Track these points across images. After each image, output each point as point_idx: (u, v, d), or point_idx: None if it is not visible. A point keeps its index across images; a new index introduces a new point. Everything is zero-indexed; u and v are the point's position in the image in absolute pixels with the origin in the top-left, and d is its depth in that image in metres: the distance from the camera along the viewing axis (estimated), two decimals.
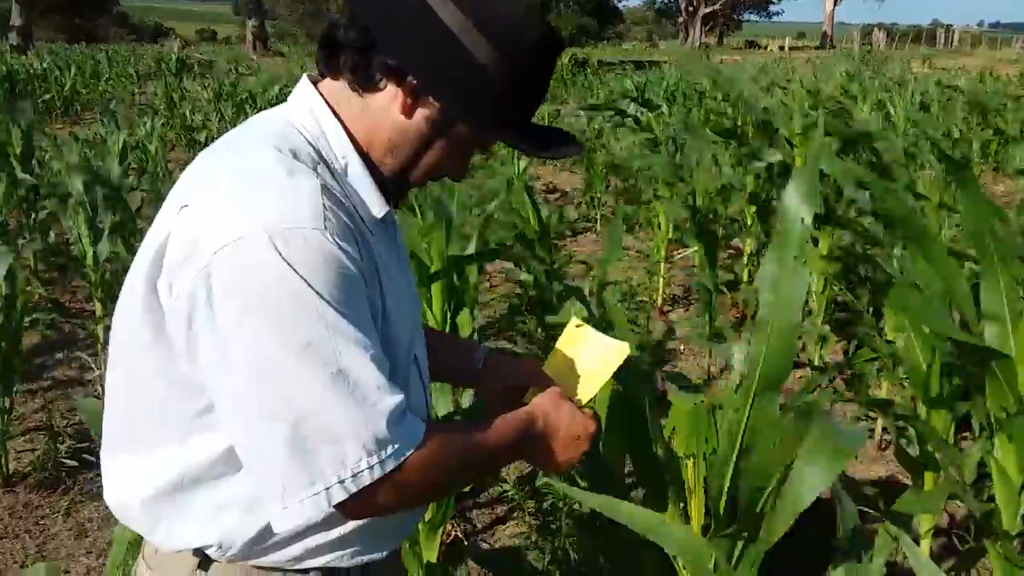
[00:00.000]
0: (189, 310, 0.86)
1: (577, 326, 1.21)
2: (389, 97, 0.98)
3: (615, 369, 1.16)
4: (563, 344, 1.19)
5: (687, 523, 1.28)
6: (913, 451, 2.15)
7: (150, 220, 0.99)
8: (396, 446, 0.88)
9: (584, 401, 1.15)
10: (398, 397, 0.89)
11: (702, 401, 1.24)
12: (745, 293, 4.29)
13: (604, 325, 1.68)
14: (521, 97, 1.00)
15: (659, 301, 4.68)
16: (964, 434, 2.78)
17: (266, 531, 0.96)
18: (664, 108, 7.74)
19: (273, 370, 0.84)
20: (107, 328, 3.76)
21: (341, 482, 0.86)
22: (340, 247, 0.87)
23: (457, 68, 0.95)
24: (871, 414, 3.24)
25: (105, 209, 3.87)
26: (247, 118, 1.10)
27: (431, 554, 1.98)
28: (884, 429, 3.25)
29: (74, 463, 2.96)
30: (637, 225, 5.88)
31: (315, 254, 0.85)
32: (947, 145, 5.56)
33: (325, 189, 0.91)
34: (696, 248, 4.02)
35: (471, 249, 2.66)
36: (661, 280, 4.72)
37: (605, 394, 2.01)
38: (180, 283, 0.87)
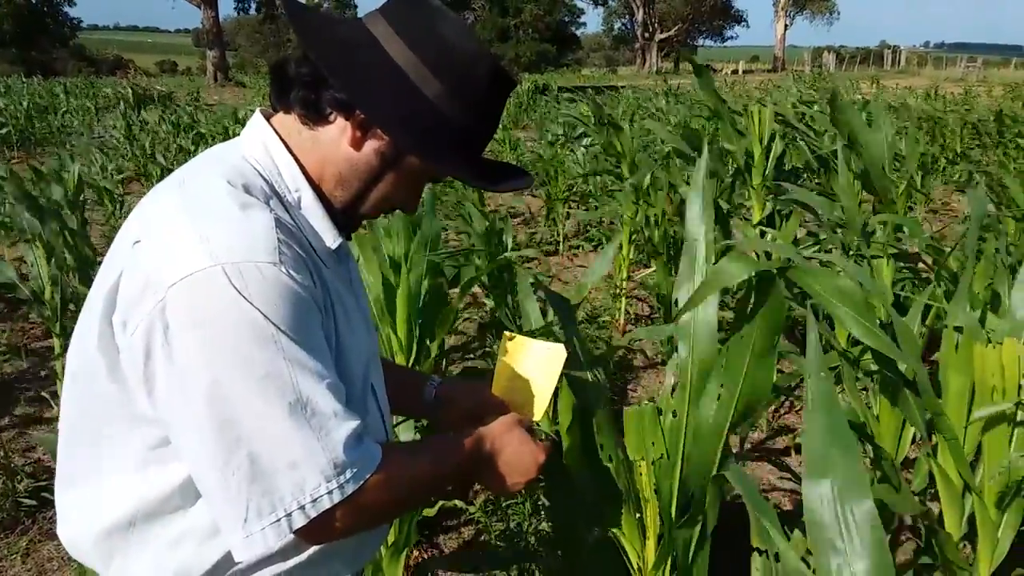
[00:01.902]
0: (145, 346, 0.86)
1: (510, 339, 1.21)
2: (339, 130, 1.00)
3: (559, 372, 1.17)
4: (503, 361, 1.19)
5: (643, 531, 1.31)
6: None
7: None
8: (354, 470, 0.89)
9: (539, 415, 1.16)
10: (354, 422, 0.91)
11: (648, 405, 1.28)
12: None
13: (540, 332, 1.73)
14: (471, 132, 1.03)
15: (621, 321, 4.74)
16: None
17: (224, 561, 0.96)
18: (625, 127, 7.86)
19: (231, 402, 0.85)
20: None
21: (301, 507, 0.87)
22: (295, 279, 0.88)
23: (405, 102, 0.97)
24: None
25: (61, 244, 3.83)
26: (206, 148, 1.13)
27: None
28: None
29: (33, 502, 2.90)
30: (598, 246, 5.96)
31: (271, 287, 0.86)
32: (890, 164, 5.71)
33: (279, 222, 0.92)
34: (655, 267, 4.09)
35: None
36: (623, 300, 4.78)
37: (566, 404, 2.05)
38: (135, 319, 0.87)
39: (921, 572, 2.30)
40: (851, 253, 3.20)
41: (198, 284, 0.85)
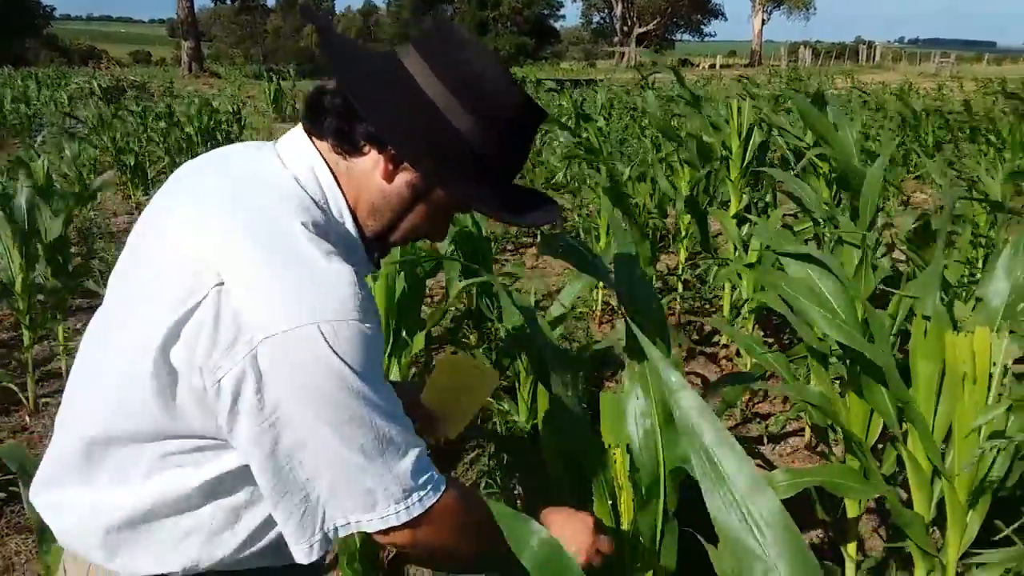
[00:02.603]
0: (235, 392, 0.90)
1: (452, 353, 1.27)
2: (372, 163, 1.03)
3: (486, 396, 1.24)
4: (439, 373, 1.26)
5: (616, 517, 1.32)
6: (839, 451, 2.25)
7: (81, 246, 0.99)
8: (421, 494, 0.98)
9: (455, 433, 1.22)
10: (419, 448, 0.99)
11: (621, 391, 1.29)
12: (676, 298, 4.39)
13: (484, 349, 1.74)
14: (500, 164, 1.06)
15: (598, 312, 4.75)
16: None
17: (231, 555, 1.03)
18: (600, 121, 7.88)
19: (316, 444, 0.92)
20: (34, 357, 3.66)
21: (370, 521, 0.97)
22: (371, 327, 0.94)
23: (436, 138, 1.00)
24: (801, 414, 3.34)
25: (31, 235, 3.77)
26: (181, 140, 1.13)
27: (372, 567, 1.99)
28: (812, 426, 3.37)
29: (1, 494, 2.86)
30: (576, 236, 5.96)
31: (357, 342, 0.92)
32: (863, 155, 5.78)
33: (353, 272, 0.96)
34: None
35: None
36: (600, 292, 4.79)
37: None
38: (224, 365, 0.90)
39: (890, 557, 2.33)
40: (830, 244, 3.24)
41: (294, 340, 0.89)
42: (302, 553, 0.97)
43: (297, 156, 1.04)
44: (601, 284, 4.81)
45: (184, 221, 0.99)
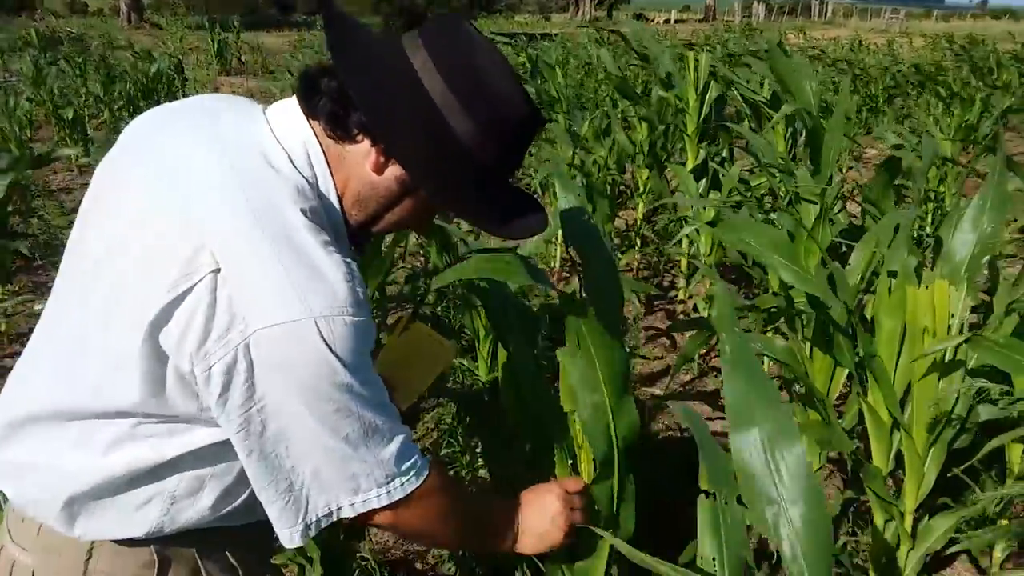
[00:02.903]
0: (226, 378, 0.89)
1: (409, 322, 1.23)
2: (363, 152, 0.99)
3: (440, 370, 1.22)
4: (395, 341, 1.22)
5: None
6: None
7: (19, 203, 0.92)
8: (404, 479, 1.00)
9: (407, 404, 1.19)
10: (403, 435, 1.00)
11: (578, 352, 1.26)
12: (634, 254, 4.38)
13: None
14: (494, 170, 1.02)
15: (556, 267, 4.73)
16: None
17: (195, 521, 1.02)
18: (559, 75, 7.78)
19: (303, 432, 0.92)
20: None
21: (352, 505, 0.98)
22: (365, 320, 0.93)
23: (431, 139, 0.96)
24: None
25: None
26: (122, 94, 1.06)
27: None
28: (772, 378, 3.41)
29: None
30: (535, 193, 5.90)
31: (351, 336, 0.91)
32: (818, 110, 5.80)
33: (349, 264, 0.95)
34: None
35: None
36: (558, 247, 4.77)
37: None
38: (216, 353, 0.88)
39: (847, 506, 2.38)
40: (786, 199, 3.24)
41: (289, 334, 0.88)
42: (286, 538, 0.98)
43: (290, 131, 1.00)
44: (559, 238, 4.78)
45: (175, 190, 0.94)
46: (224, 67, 15.43)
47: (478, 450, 2.41)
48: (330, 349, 0.90)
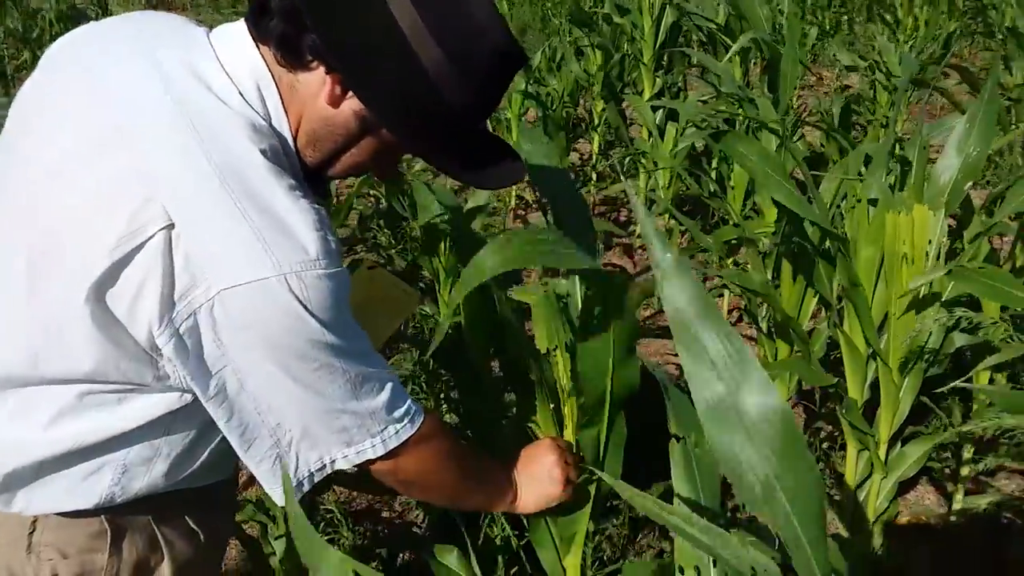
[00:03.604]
0: (188, 344, 0.81)
1: (370, 268, 1.14)
2: (318, 82, 0.86)
3: (405, 318, 1.13)
4: (355, 285, 1.13)
5: (560, 423, 1.23)
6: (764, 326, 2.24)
7: None
8: (399, 426, 0.94)
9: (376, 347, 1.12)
10: (392, 382, 0.94)
11: (551, 291, 1.18)
12: (590, 188, 4.30)
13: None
14: (465, 110, 0.89)
15: (512, 204, 4.63)
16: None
17: (147, 488, 0.94)
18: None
19: (284, 391, 0.85)
20: None
21: (345, 457, 0.92)
22: (339, 272, 0.85)
23: (395, 69, 0.83)
24: (719, 299, 3.36)
25: None
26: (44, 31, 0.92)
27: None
28: (730, 311, 3.40)
29: None
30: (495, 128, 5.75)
31: (325, 290, 0.83)
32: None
33: (317, 210, 0.85)
34: None
35: None
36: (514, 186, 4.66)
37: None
38: (176, 318, 0.80)
39: (816, 435, 2.39)
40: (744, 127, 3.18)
41: (258, 293, 0.80)
42: (279, 497, 0.93)
43: (237, 59, 0.87)
44: None
45: (115, 129, 0.82)
46: None
47: (442, 395, 2.35)
48: (304, 307, 0.82)
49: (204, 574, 1.09)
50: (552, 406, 1.21)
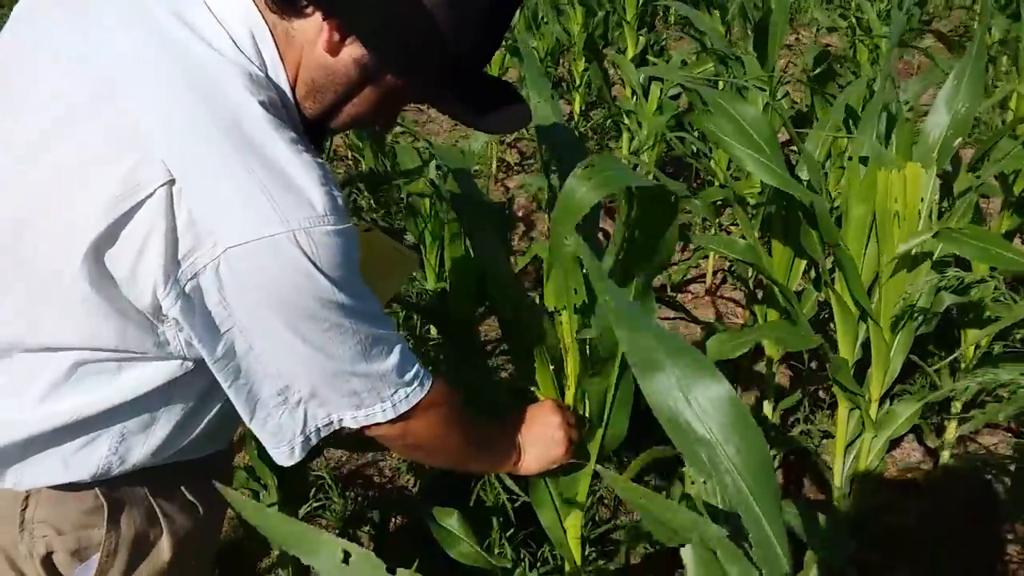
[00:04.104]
0: (193, 305, 0.78)
1: (365, 230, 1.11)
2: (315, 29, 0.82)
3: (405, 278, 1.10)
4: None
5: (561, 383, 1.22)
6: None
7: None
8: (408, 390, 0.92)
9: None
10: (400, 343, 0.92)
11: (569, 249, 1.15)
12: None
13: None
14: (469, 51, 0.86)
15: (493, 169, 4.58)
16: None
17: (145, 459, 0.92)
18: None
19: (293, 352, 0.83)
20: None
21: (354, 418, 0.90)
22: (348, 228, 0.82)
23: (396, 12, 0.79)
24: (702, 261, 3.36)
25: None
26: None
27: None
28: (715, 272, 3.40)
29: None
30: None
31: (335, 247, 0.80)
32: None
33: (320, 164, 0.82)
34: None
35: None
36: (494, 148, 4.60)
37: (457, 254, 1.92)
38: (181, 278, 0.77)
39: (805, 398, 2.40)
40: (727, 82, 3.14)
41: (265, 250, 0.76)
42: (283, 456, 0.91)
43: (228, 6, 0.82)
44: (497, 140, 4.61)
45: (105, 83, 0.78)
46: None
47: (431, 355, 2.33)
48: (314, 264, 0.79)
49: (204, 547, 1.07)
50: (553, 368, 1.20)
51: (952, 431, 2.15)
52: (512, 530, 1.80)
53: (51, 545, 0.91)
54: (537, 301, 1.29)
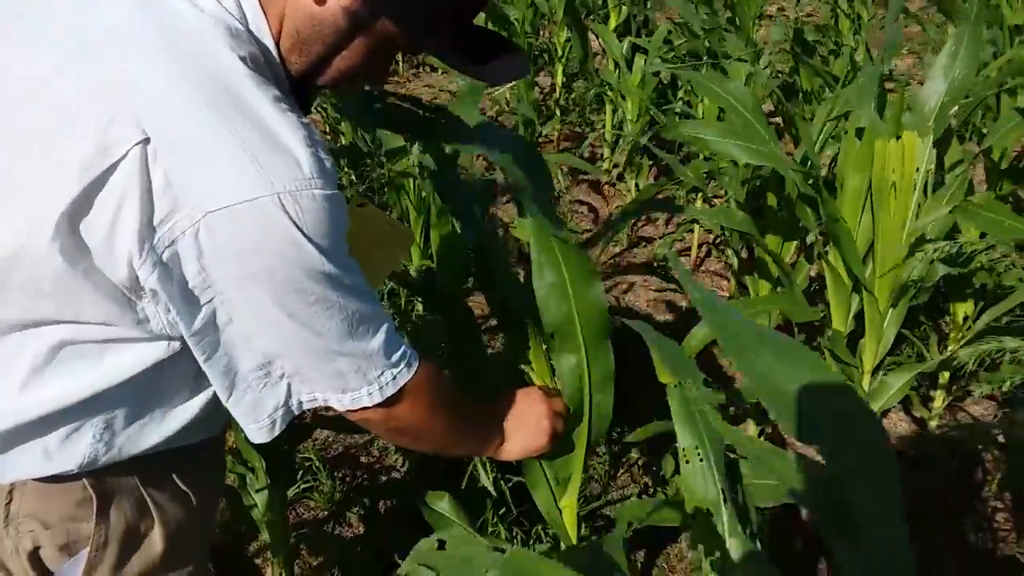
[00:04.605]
0: (171, 275, 0.74)
1: (359, 205, 1.09)
2: None
3: (401, 255, 1.08)
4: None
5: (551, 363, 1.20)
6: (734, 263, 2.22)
7: None
8: (395, 372, 0.88)
9: (374, 289, 1.08)
10: (388, 323, 0.88)
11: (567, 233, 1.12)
12: (555, 124, 4.22)
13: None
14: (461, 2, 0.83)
15: None
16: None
17: (130, 447, 0.88)
18: None
19: (278, 327, 0.79)
20: None
21: (340, 402, 0.87)
22: (335, 194, 0.77)
23: None
24: (687, 235, 3.34)
25: None
26: None
27: None
28: (700, 245, 3.38)
29: None
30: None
31: (322, 213, 0.75)
32: None
33: (306, 125, 0.77)
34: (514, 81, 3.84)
35: None
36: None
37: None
38: (158, 246, 0.72)
39: None
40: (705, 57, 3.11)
41: (248, 215, 0.72)
42: (262, 432, 0.86)
43: None
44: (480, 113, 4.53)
45: (78, 41, 0.73)
46: None
47: (414, 331, 2.30)
48: (300, 231, 0.74)
49: (198, 538, 1.03)
50: (545, 347, 1.17)
51: (940, 401, 2.16)
52: (504, 509, 1.78)
53: (38, 540, 0.87)
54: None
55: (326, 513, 2.01)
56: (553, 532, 1.76)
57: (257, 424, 0.86)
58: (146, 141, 0.70)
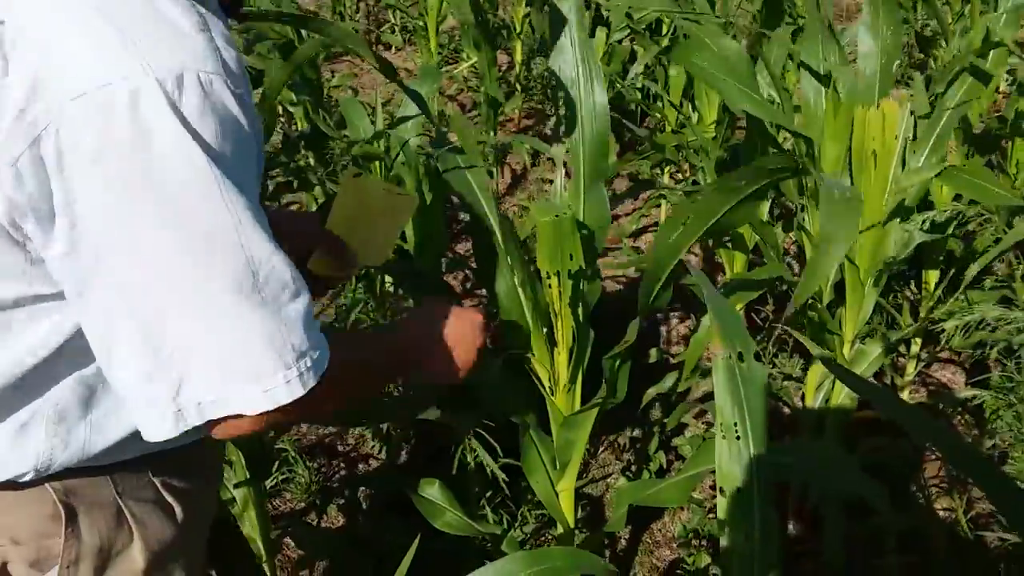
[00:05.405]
0: (32, 181, 0.60)
1: (355, 176, 1.06)
2: None
3: (405, 220, 1.08)
4: (343, 197, 1.05)
5: (553, 347, 1.16)
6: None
7: None
8: (315, 355, 0.71)
9: (381, 260, 1.07)
10: (307, 293, 0.71)
11: (568, 214, 1.08)
12: (517, 102, 4.17)
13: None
14: None
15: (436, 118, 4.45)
16: None
17: (92, 442, 0.77)
18: None
19: (160, 266, 0.63)
20: None
21: (248, 400, 0.68)
22: (244, 96, 0.64)
23: None
24: (657, 207, 3.33)
25: None
26: None
27: None
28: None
29: None
30: (408, 43, 5.46)
31: (218, 108, 0.62)
32: None
33: (202, 13, 0.65)
34: (474, 59, 3.79)
35: None
36: (433, 102, 4.45)
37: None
38: (11, 147, 0.59)
39: (768, 343, 2.40)
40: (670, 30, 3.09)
41: (117, 99, 0.59)
42: (153, 427, 0.69)
43: None
44: (436, 93, 4.46)
45: None
46: None
47: (392, 312, 2.25)
48: (184, 125, 0.60)
49: (187, 554, 0.91)
50: (545, 330, 1.14)
51: (912, 369, 2.18)
52: (490, 492, 1.75)
53: (6, 556, 0.80)
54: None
55: (303, 505, 1.97)
56: (538, 514, 1.75)
57: (145, 416, 0.69)
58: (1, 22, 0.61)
